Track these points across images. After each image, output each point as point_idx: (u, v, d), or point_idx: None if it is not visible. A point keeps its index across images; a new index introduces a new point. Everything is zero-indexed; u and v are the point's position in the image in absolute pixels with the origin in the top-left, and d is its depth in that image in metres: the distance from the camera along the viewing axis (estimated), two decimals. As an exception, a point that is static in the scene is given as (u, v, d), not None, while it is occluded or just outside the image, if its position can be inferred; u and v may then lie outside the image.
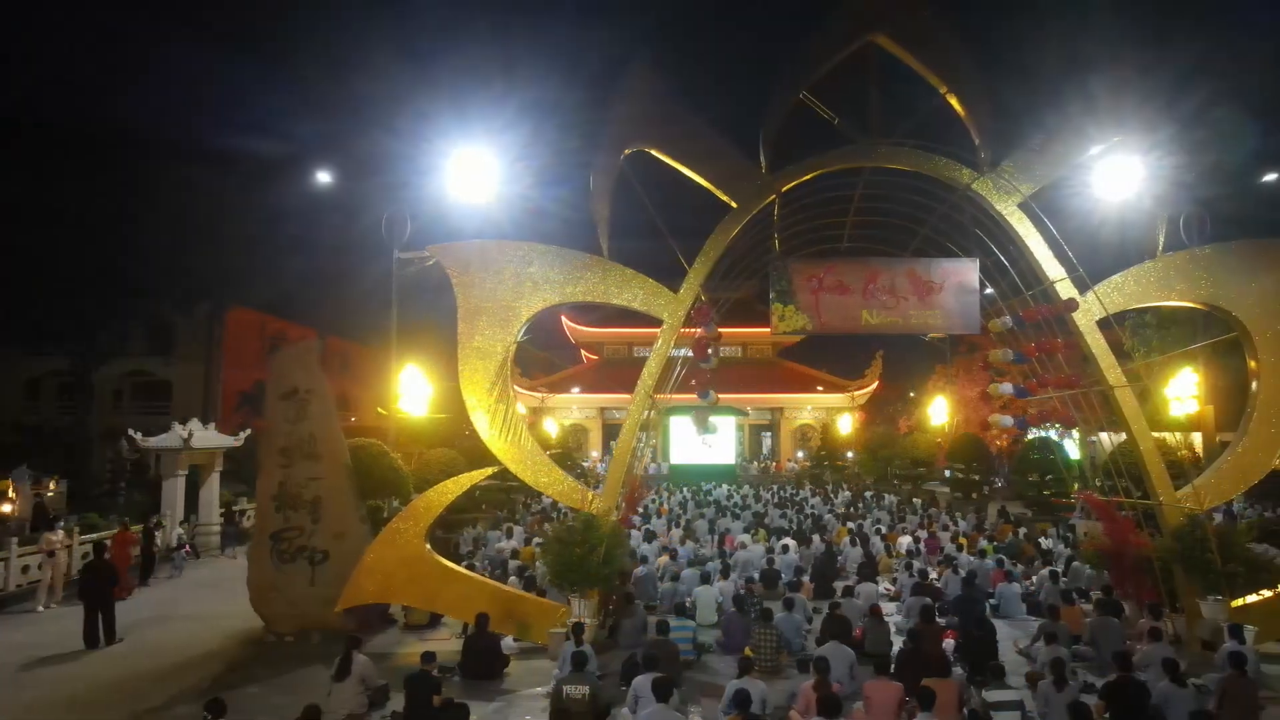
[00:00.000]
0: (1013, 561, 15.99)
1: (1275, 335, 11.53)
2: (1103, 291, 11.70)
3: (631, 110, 12.15)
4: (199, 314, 41.71)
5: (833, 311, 11.98)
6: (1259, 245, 11.81)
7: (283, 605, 11.80)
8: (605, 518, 11.53)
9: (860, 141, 12.05)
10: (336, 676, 8.71)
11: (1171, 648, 9.73)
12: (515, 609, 11.40)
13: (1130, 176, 12.68)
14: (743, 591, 13.12)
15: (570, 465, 38.94)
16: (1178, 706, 8.14)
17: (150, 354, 42.99)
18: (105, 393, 43.35)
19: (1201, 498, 11.29)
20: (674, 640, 10.58)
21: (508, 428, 11.70)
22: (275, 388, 12.22)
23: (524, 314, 11.89)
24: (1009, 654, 10.92)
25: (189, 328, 42.56)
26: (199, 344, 42.07)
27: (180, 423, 21.09)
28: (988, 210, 12.07)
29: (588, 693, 8.20)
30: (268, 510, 11.93)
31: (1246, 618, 10.73)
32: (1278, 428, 11.47)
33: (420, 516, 11.50)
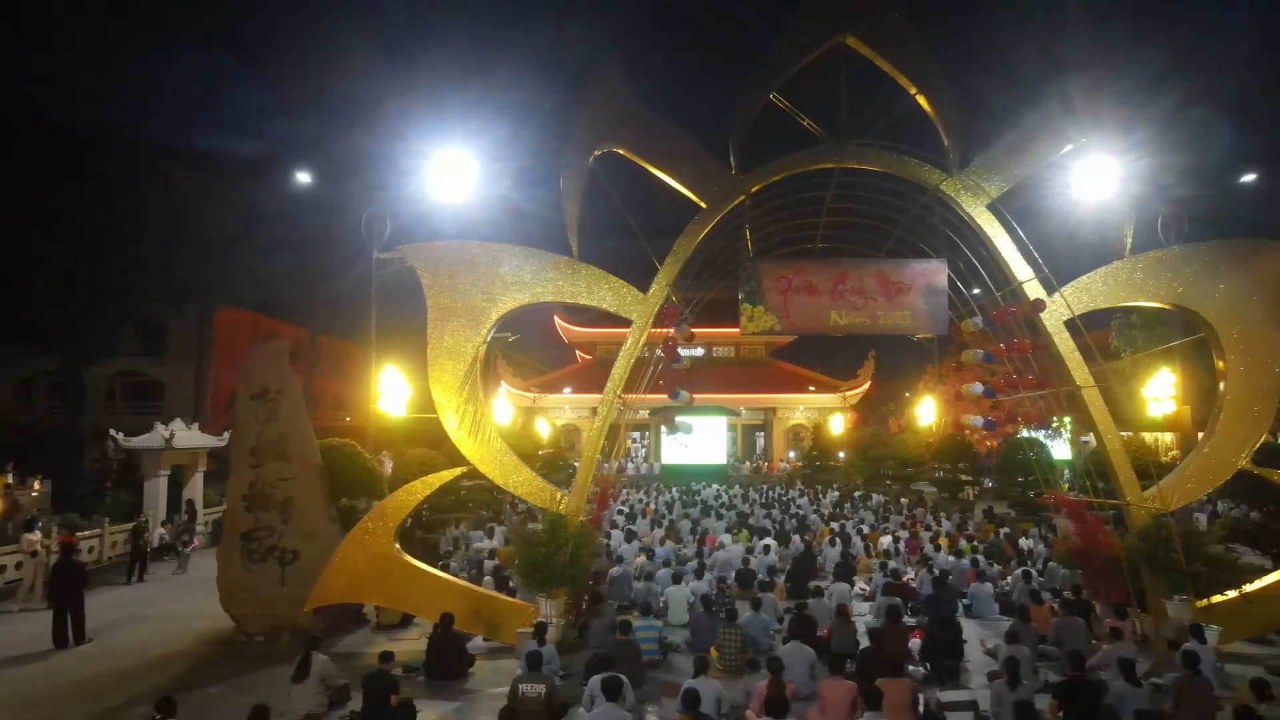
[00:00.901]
0: (989, 561, 16.05)
1: (1241, 336, 11.56)
2: (1069, 293, 11.73)
3: (600, 112, 12.18)
4: (190, 314, 41.79)
5: (801, 312, 12.00)
6: (1225, 246, 11.84)
7: (253, 605, 11.82)
8: (574, 518, 11.55)
9: (828, 142, 12.08)
10: (295, 677, 8.72)
11: (1133, 647, 9.77)
12: (484, 609, 11.42)
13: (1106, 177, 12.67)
14: (714, 592, 13.14)
15: (562, 465, 39.04)
16: (1131, 705, 8.17)
17: (142, 354, 43.02)
18: (98, 393, 43.45)
19: (1166, 498, 11.31)
20: (639, 640, 10.64)
21: (477, 427, 11.73)
22: (246, 388, 12.24)
23: (494, 314, 11.91)
24: (976, 654, 10.97)
25: (180, 328, 42.62)
26: (190, 344, 42.12)
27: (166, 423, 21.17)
28: (957, 211, 12.11)
29: (543, 691, 8.23)
30: (238, 510, 11.95)
31: (1211, 617, 10.78)
32: (1244, 428, 11.50)
33: (389, 516, 11.53)
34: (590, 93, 12.25)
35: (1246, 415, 11.50)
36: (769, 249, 13.29)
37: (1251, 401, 11.49)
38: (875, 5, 12.22)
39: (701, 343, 49.86)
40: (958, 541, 18.01)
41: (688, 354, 12.46)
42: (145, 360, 42.96)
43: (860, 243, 13.46)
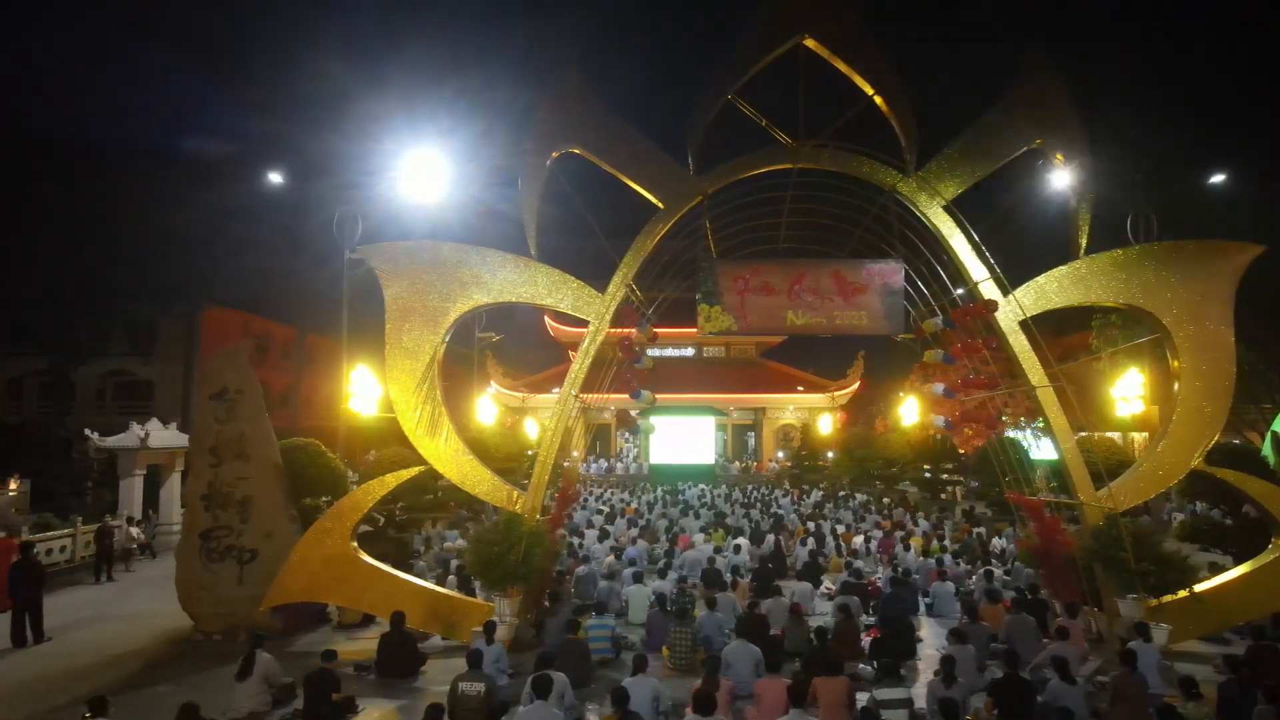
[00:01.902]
0: (956, 560, 16.12)
1: (1194, 336, 11.62)
2: (1021, 293, 11.79)
3: (558, 113, 12.24)
4: (179, 314, 41.86)
5: (758, 312, 12.05)
6: (1179, 247, 11.90)
7: (210, 604, 11.88)
8: (530, 517, 11.60)
9: (783, 143, 12.13)
10: (239, 675, 8.77)
11: (1076, 647, 9.84)
12: (441, 608, 11.48)
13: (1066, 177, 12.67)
14: (675, 591, 13.18)
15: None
16: (1068, 702, 8.22)
17: (132, 354, 43.10)
18: (88, 392, 43.53)
19: (1118, 498, 11.37)
20: (591, 638, 10.72)
21: (435, 427, 11.78)
22: (205, 388, 12.29)
23: (453, 315, 11.96)
24: (931, 652, 11.01)
25: (170, 328, 42.68)
26: (179, 344, 42.17)
27: (160, 422, 21.24)
28: (914, 212, 12.17)
29: (482, 690, 8.28)
30: (197, 509, 12.00)
31: (1162, 616, 10.84)
32: (1197, 428, 11.55)
33: (346, 516, 11.59)
34: (549, 94, 12.31)
35: (1199, 415, 11.55)
36: (733, 249, 13.35)
37: (1204, 402, 11.54)
38: (833, 7, 12.27)
39: (690, 343, 49.97)
40: (931, 541, 18.09)
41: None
42: (135, 360, 43.04)
43: (824, 243, 13.51)
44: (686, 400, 44.38)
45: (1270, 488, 11.31)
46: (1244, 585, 11.14)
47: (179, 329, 42.45)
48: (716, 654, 10.75)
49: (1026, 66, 12.29)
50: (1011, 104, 12.14)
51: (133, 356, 43.26)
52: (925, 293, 13.17)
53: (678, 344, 49.59)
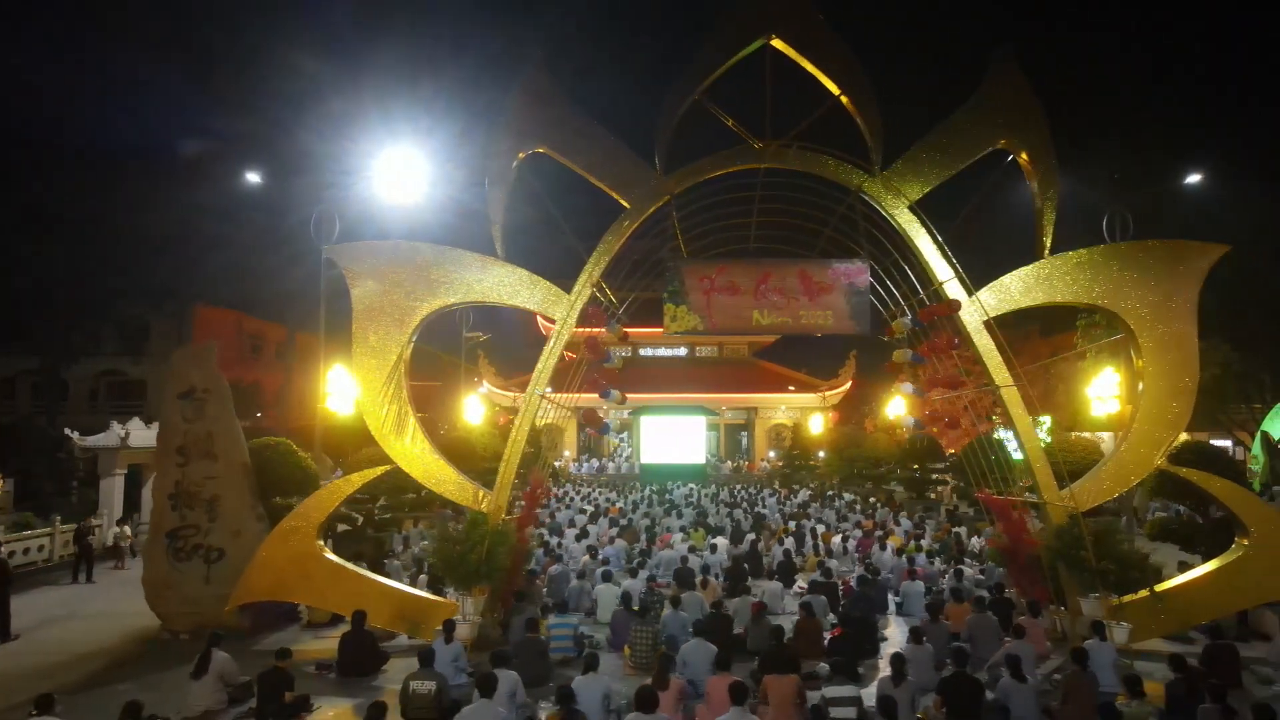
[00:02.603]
0: (930, 559, 16.15)
1: (1158, 337, 11.65)
2: (985, 293, 11.83)
3: (525, 114, 12.27)
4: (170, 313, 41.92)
5: (724, 312, 12.08)
6: (1144, 247, 11.93)
7: (177, 603, 11.92)
8: (496, 516, 11.62)
9: (749, 143, 12.16)
10: (194, 674, 8.80)
11: (1031, 645, 9.85)
12: (406, 607, 11.51)
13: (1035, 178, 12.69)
14: (644, 590, 13.21)
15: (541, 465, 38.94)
16: (1018, 701, 8.28)
17: (123, 354, 43.16)
18: (80, 392, 43.59)
19: (1081, 498, 11.40)
20: (553, 637, 10.76)
21: (401, 426, 11.81)
22: (173, 387, 12.32)
23: (419, 315, 11.99)
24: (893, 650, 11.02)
25: (162, 328, 42.75)
26: (171, 343, 42.20)
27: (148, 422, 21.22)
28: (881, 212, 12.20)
29: (433, 689, 8.32)
30: (164, 509, 12.03)
31: (1124, 615, 10.88)
32: (1161, 427, 11.58)
33: (312, 515, 11.63)
34: (516, 94, 12.34)
35: (1163, 415, 11.59)
36: (704, 249, 13.39)
37: (1168, 401, 11.58)
38: (800, 7, 12.30)
39: (683, 343, 49.97)
40: (910, 541, 18.13)
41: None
42: (127, 360, 43.11)
43: (794, 243, 13.55)
44: (679, 400, 44.46)
45: (1234, 487, 11.34)
46: (1206, 584, 11.17)
47: (171, 328, 42.52)
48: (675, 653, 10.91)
49: (994, 67, 12.31)
50: (977, 105, 12.17)
51: (125, 356, 43.34)
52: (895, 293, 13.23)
53: (670, 344, 49.66)
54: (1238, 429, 39.18)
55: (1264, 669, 9.99)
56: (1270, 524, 11.12)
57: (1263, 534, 11.03)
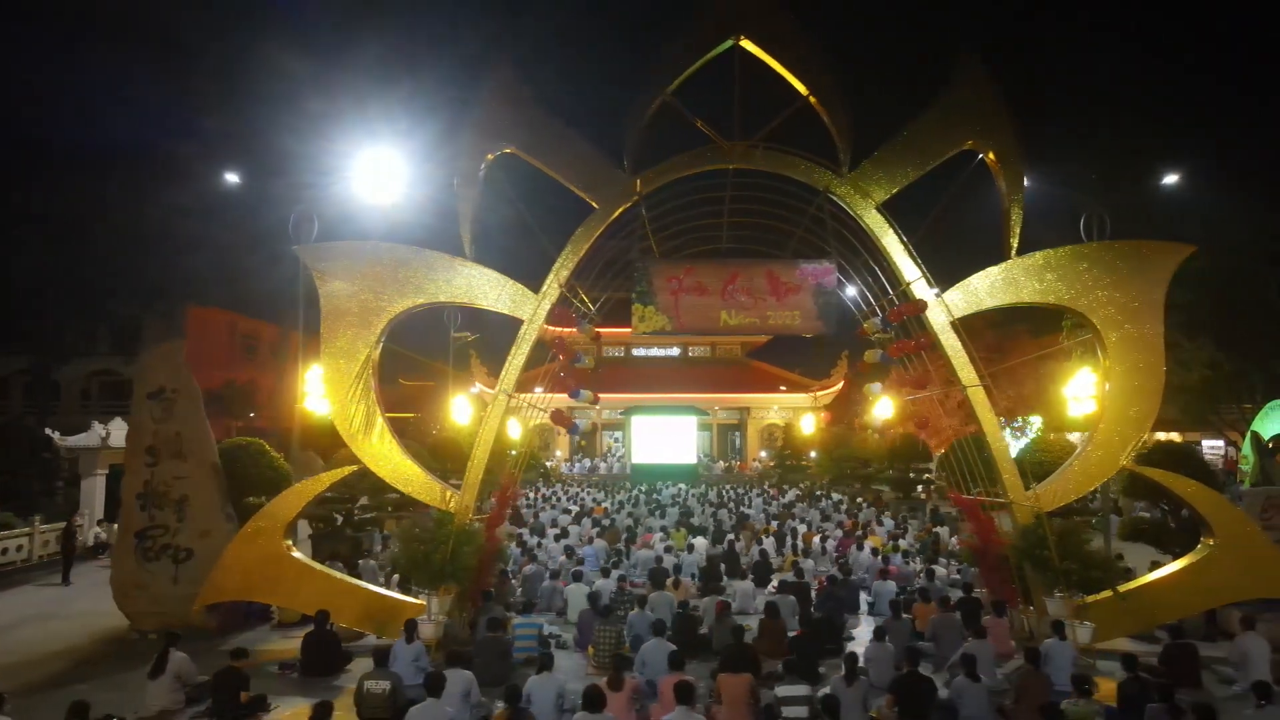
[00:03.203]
0: (907, 559, 16.18)
1: (1124, 337, 11.65)
2: (952, 294, 11.86)
3: (494, 114, 12.30)
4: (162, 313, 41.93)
5: (692, 312, 12.11)
6: (1110, 247, 11.93)
7: (145, 603, 11.93)
8: (463, 516, 11.64)
9: (717, 144, 12.19)
10: (151, 674, 8.82)
11: (992, 645, 9.87)
12: (373, 607, 11.53)
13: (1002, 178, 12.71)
14: (614, 590, 13.23)
15: (533, 465, 39.11)
16: (970, 700, 8.31)
17: (115, 354, 43.20)
18: (73, 391, 43.63)
19: (1046, 498, 11.43)
20: (517, 637, 10.79)
21: (369, 426, 11.83)
22: (142, 387, 12.34)
23: (388, 315, 12.00)
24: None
25: (155, 328, 42.74)
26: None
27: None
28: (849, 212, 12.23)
29: (387, 688, 8.35)
30: (133, 508, 12.06)
31: (1088, 615, 10.90)
32: (1126, 428, 11.59)
33: (279, 515, 11.64)
34: (485, 95, 12.36)
35: (1128, 415, 11.59)
36: (676, 249, 13.42)
37: (1133, 401, 11.58)
38: (770, 7, 12.33)
39: (676, 343, 49.95)
40: (892, 541, 18.15)
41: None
42: (119, 359, 43.14)
43: (766, 244, 13.57)
44: (671, 400, 44.49)
45: (1198, 487, 11.34)
46: (1172, 584, 11.18)
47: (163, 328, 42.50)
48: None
49: (959, 68, 12.33)
50: (943, 106, 12.19)
51: (117, 356, 43.34)
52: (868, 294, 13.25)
53: (664, 344, 49.65)
54: (1229, 429, 39.23)
55: (1225, 669, 10.00)
56: (1235, 524, 11.14)
57: (1227, 534, 11.05)
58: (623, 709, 7.93)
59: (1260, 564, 10.97)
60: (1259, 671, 9.53)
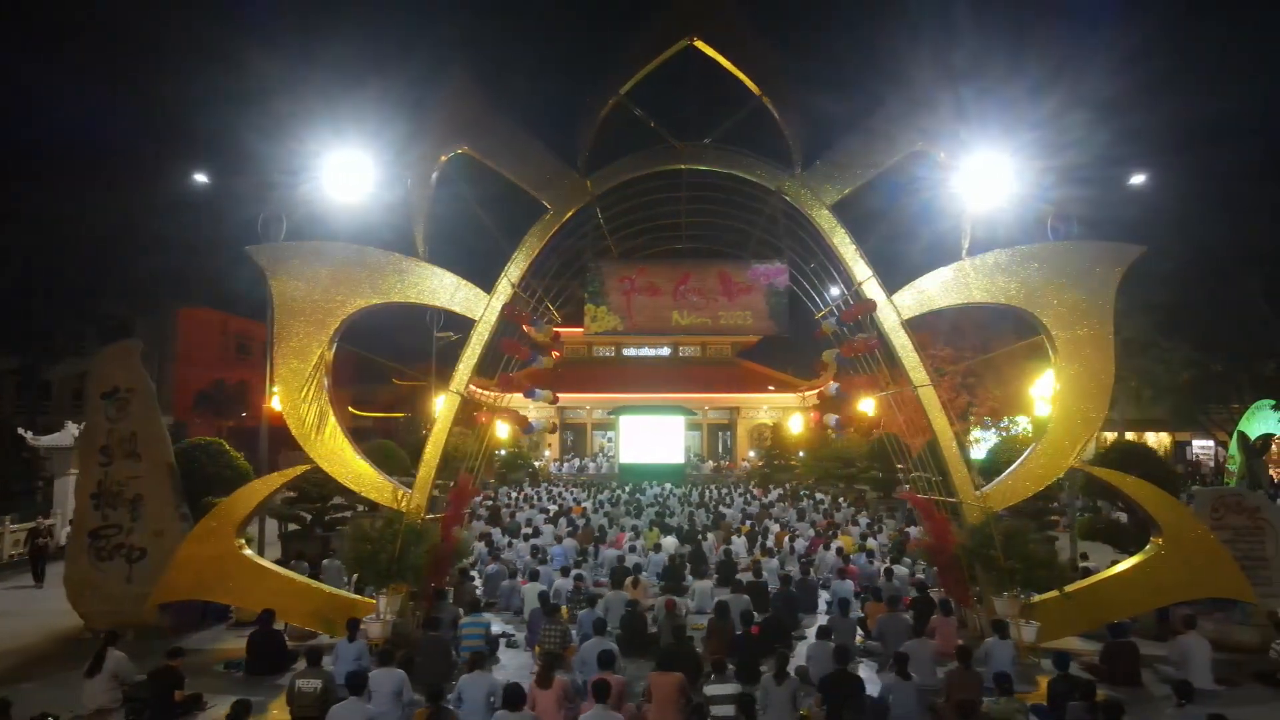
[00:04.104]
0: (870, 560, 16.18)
1: (1074, 338, 11.67)
2: (902, 294, 11.88)
3: (447, 115, 12.32)
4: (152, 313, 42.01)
5: (644, 312, 12.15)
6: (1061, 248, 11.94)
7: (99, 602, 11.96)
8: (415, 515, 11.67)
9: (668, 143, 12.22)
10: (88, 673, 8.83)
11: (931, 644, 9.91)
12: (323, 605, 11.56)
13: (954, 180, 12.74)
14: (570, 589, 13.27)
15: (521, 464, 39.11)
16: (900, 698, 8.33)
17: (105, 353, 43.02)
18: (64, 391, 43.69)
19: (995, 498, 11.47)
20: (464, 636, 10.80)
21: (321, 426, 11.86)
22: (96, 386, 12.38)
23: (340, 315, 12.03)
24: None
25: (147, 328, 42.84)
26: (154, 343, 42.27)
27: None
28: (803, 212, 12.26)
29: (318, 687, 8.40)
30: (86, 508, 12.09)
31: (1034, 614, 10.94)
32: (1075, 428, 11.61)
33: (231, 515, 11.67)
34: (439, 96, 12.40)
35: (1078, 415, 11.61)
36: (634, 250, 13.47)
37: (1082, 402, 11.60)
38: (723, 8, 12.35)
39: (666, 343, 49.94)
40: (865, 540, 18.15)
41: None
42: (111, 359, 43.02)
43: (726, 243, 13.64)
44: (660, 400, 44.48)
45: (1147, 486, 11.36)
46: (1120, 583, 11.22)
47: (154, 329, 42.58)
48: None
49: (908, 70, 12.38)
50: (894, 108, 12.21)
51: (109, 355, 43.21)
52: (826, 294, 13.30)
53: (654, 344, 49.62)
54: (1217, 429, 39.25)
55: (1166, 668, 10.02)
56: (1183, 523, 11.16)
57: (1175, 532, 11.07)
58: (551, 707, 7.96)
59: (1208, 564, 11.00)
60: (1199, 671, 9.59)
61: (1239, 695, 9.59)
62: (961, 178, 12.13)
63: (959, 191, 12.03)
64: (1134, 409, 38.73)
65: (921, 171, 12.74)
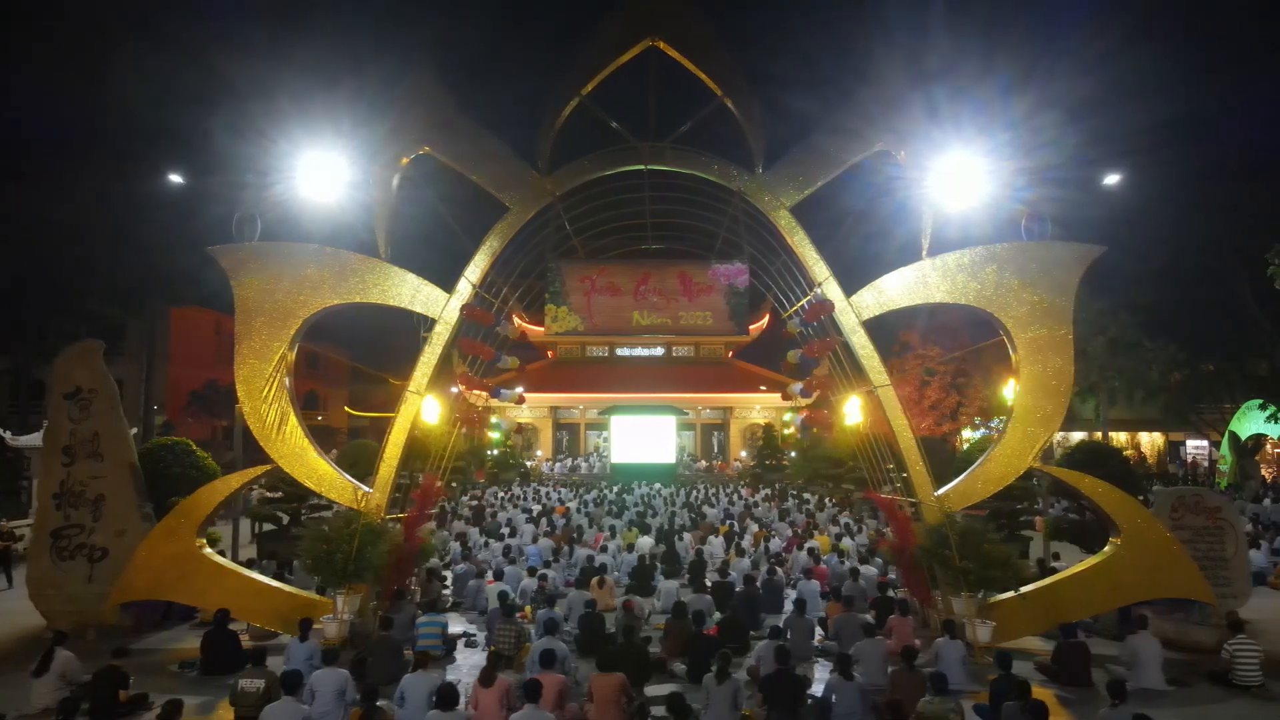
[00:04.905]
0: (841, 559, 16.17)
1: (1033, 339, 11.68)
2: (864, 293, 11.89)
3: (409, 115, 12.35)
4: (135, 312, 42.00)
5: (604, 312, 12.23)
6: (1020, 248, 11.94)
7: (60, 602, 12.00)
8: (375, 515, 11.70)
9: (627, 144, 12.24)
10: (35, 672, 8.88)
11: (884, 644, 9.91)
12: (282, 605, 11.58)
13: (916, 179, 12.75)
14: (535, 589, 13.29)
15: (513, 464, 39.12)
16: (842, 698, 8.34)
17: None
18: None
19: (952, 498, 11.48)
20: (421, 635, 10.86)
21: (281, 426, 11.90)
22: (58, 386, 12.43)
23: (301, 315, 12.07)
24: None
25: (139, 328, 42.88)
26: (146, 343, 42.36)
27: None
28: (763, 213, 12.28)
29: (261, 687, 8.42)
30: (48, 508, 12.13)
31: (992, 614, 10.95)
32: (1034, 428, 11.61)
33: (190, 515, 11.71)
34: (402, 96, 12.42)
35: (1037, 415, 11.61)
36: (601, 250, 13.51)
37: (1041, 401, 11.61)
38: (684, 10, 12.38)
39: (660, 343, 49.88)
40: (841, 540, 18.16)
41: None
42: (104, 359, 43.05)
43: (692, 244, 13.66)
44: (653, 400, 44.49)
45: (1104, 486, 11.34)
46: (1078, 583, 11.21)
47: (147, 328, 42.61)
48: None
49: (873, 71, 12.37)
50: (854, 109, 12.22)
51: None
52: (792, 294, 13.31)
53: (648, 344, 49.60)
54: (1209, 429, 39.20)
55: (1117, 668, 10.01)
56: (1141, 523, 11.16)
57: (1133, 533, 11.07)
58: (493, 707, 7.98)
59: (1166, 564, 11.00)
60: (1149, 671, 9.62)
61: (1188, 695, 9.61)
62: (923, 177, 12.12)
63: (922, 191, 12.00)
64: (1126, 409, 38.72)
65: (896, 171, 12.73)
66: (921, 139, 12.08)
